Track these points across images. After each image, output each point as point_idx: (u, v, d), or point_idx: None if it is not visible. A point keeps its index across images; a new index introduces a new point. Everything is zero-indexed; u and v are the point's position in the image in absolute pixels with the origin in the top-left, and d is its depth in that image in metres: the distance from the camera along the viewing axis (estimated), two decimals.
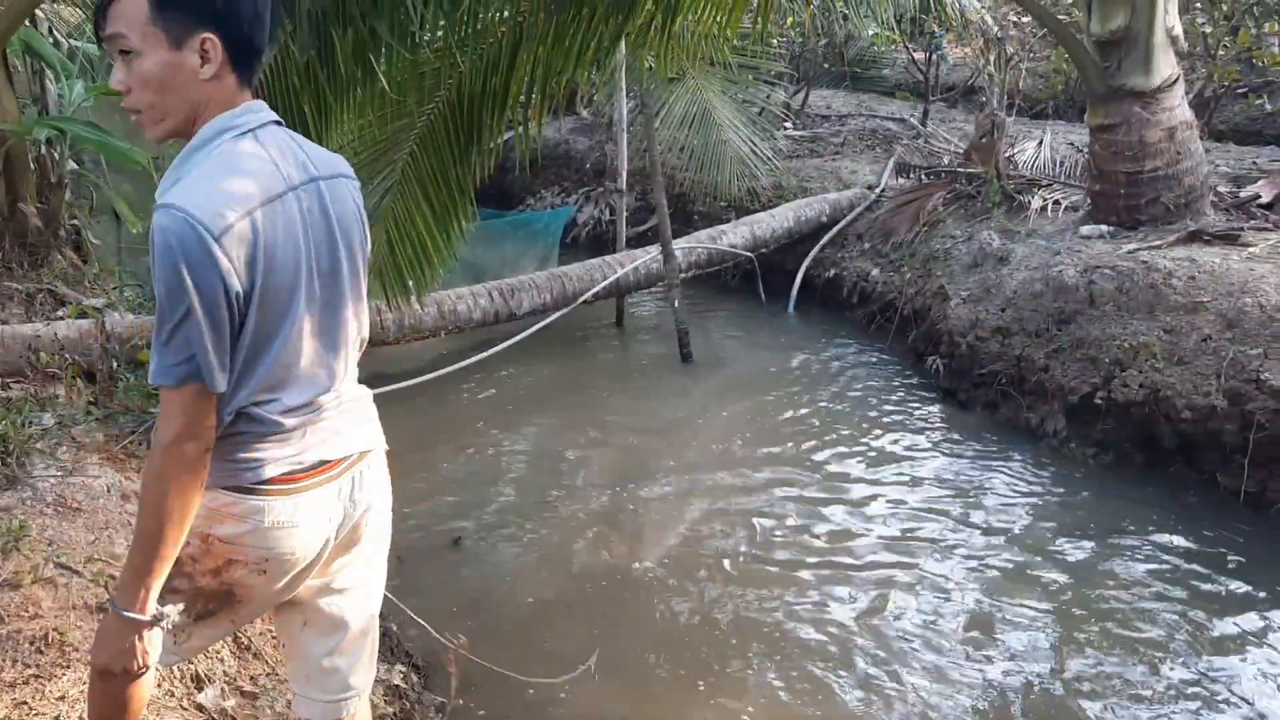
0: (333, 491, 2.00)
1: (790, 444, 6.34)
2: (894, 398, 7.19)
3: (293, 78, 3.50)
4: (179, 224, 1.73)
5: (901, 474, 5.95)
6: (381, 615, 4.13)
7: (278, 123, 1.95)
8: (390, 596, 4.20)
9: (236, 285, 1.78)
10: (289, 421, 1.93)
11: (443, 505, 5.42)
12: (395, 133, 4.22)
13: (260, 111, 1.92)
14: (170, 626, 1.95)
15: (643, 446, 6.36)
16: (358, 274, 2.02)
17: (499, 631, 4.35)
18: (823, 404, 7.07)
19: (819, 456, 6.17)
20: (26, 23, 5.04)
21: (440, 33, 3.65)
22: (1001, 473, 5.98)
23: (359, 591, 2.16)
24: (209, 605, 2.00)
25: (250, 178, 1.83)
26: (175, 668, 3.04)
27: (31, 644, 2.90)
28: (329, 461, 1.99)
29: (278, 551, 1.95)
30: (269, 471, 1.91)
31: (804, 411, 6.93)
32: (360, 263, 2.03)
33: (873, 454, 6.22)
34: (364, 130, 4.07)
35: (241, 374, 1.86)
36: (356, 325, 2.06)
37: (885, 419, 6.79)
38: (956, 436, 6.50)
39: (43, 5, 5.27)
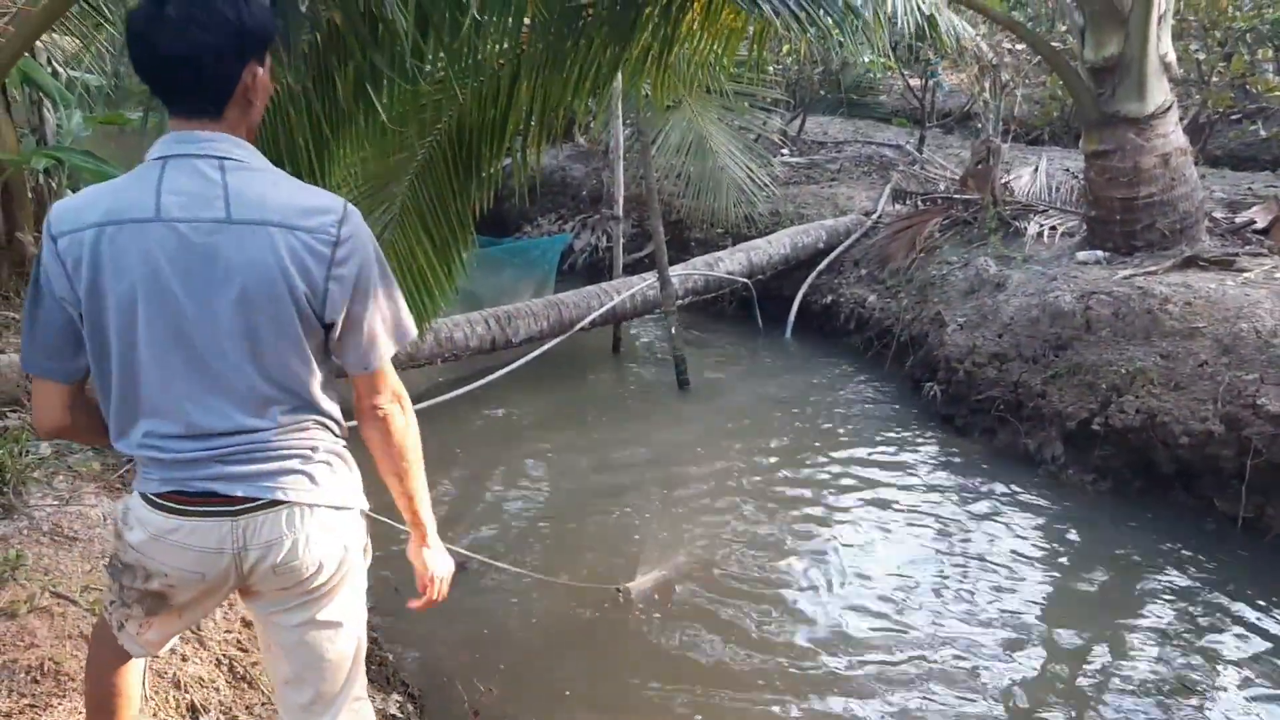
0: (225, 527, 2.01)
1: (788, 471, 6.34)
2: (891, 424, 7.19)
3: (288, 111, 3.51)
4: (46, 219, 1.96)
5: (899, 502, 5.94)
6: (377, 642, 4.15)
7: (215, 156, 1.93)
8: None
9: (61, 289, 1.94)
10: (154, 447, 2.00)
11: (442, 532, 5.40)
12: (395, 166, 4.23)
13: (187, 142, 1.94)
14: None
15: (640, 474, 6.35)
16: (253, 325, 1.94)
17: (498, 659, 4.35)
18: (820, 431, 7.07)
19: (817, 484, 6.17)
20: (25, 53, 5.07)
21: (441, 65, 3.68)
22: (999, 499, 5.98)
23: (296, 635, 2.17)
24: (154, 603, 2.13)
25: (114, 197, 1.93)
26: (171, 696, 3.04)
27: (27, 673, 2.90)
28: (222, 496, 2.00)
29: (172, 566, 2.06)
30: (158, 486, 2.02)
31: (801, 439, 6.93)
32: (263, 312, 1.93)
33: (870, 481, 6.21)
34: (364, 163, 4.08)
35: (101, 388, 2.02)
36: (287, 375, 2.00)
37: (883, 446, 6.79)
38: (954, 463, 6.50)
39: (41, 36, 5.30)
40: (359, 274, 1.99)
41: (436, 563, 2.43)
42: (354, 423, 2.18)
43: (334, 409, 2.12)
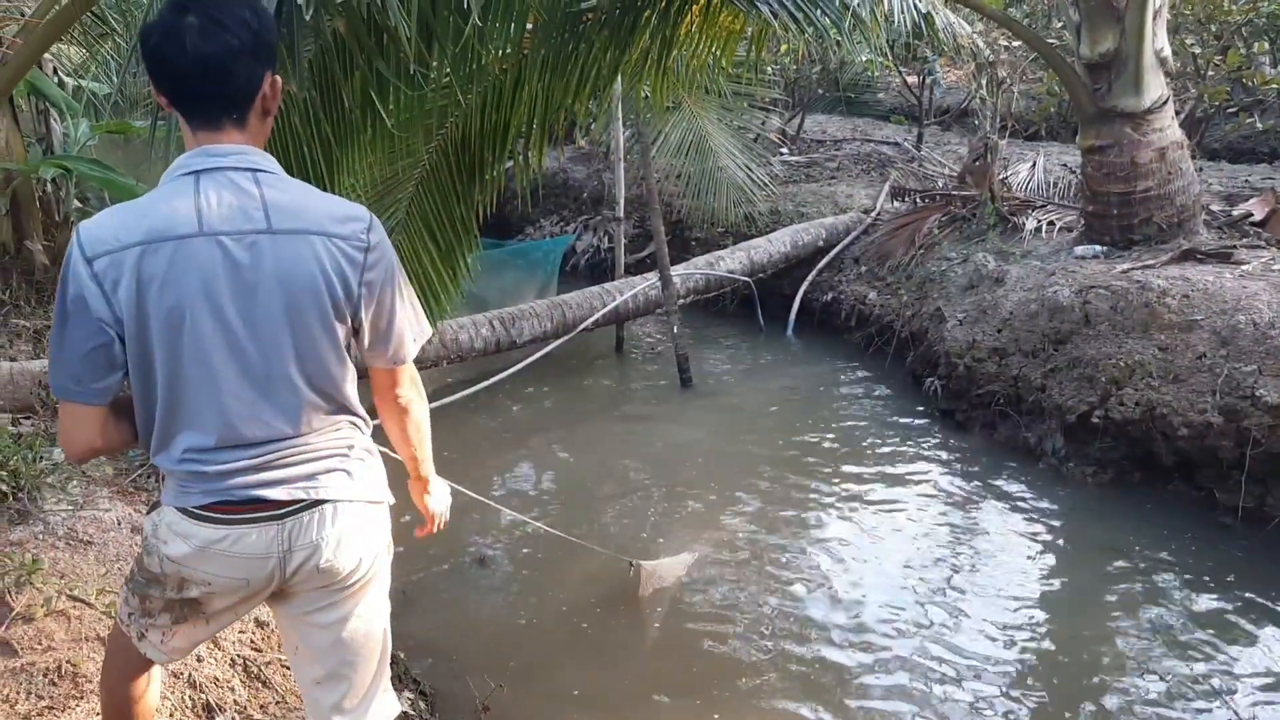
0: (272, 531, 2.05)
1: (790, 468, 6.38)
2: (893, 420, 7.23)
3: (294, 119, 3.55)
4: (73, 242, 1.93)
5: (901, 497, 5.98)
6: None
7: (247, 168, 1.98)
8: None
9: (101, 309, 1.91)
10: (195, 461, 2.02)
11: (449, 532, 5.44)
12: (399, 171, 4.27)
13: (218, 155, 1.97)
14: None
15: (644, 473, 6.39)
16: (298, 331, 2.01)
17: (509, 657, 4.40)
18: (822, 427, 7.11)
19: (819, 480, 6.21)
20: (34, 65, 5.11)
21: (445, 71, 3.72)
22: (1001, 493, 6.02)
23: (332, 633, 2.21)
24: (183, 610, 2.15)
25: (152, 215, 1.93)
26: (187, 696, 3.08)
27: (45, 676, 2.94)
28: (267, 501, 2.04)
29: (217, 575, 2.08)
30: (200, 499, 2.04)
31: (803, 435, 6.97)
32: (309, 318, 2.01)
33: (872, 478, 6.25)
34: (370, 169, 4.12)
35: (143, 405, 2.03)
36: (326, 378, 2.08)
37: (884, 442, 6.83)
38: (955, 458, 6.54)
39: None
40: (385, 278, 2.08)
41: (441, 500, 2.64)
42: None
43: (362, 408, 2.19)
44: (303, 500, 2.07)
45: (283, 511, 2.06)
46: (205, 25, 1.89)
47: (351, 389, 2.14)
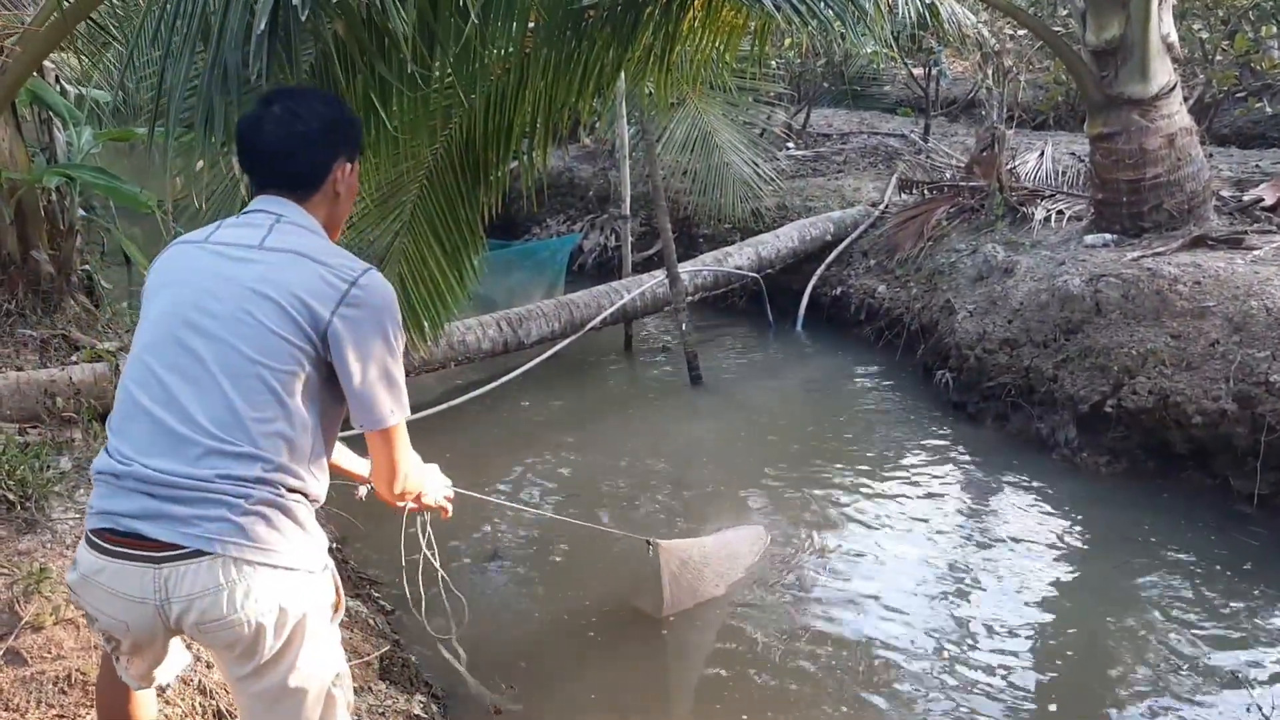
0: (148, 574, 1.94)
1: (802, 463, 6.36)
2: (904, 413, 7.20)
3: None
4: None
5: (915, 491, 5.96)
6: (399, 644, 4.19)
7: (275, 213, 2.15)
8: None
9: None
10: (114, 464, 2.00)
11: (460, 531, 5.43)
12: (404, 174, 4.26)
13: (262, 201, 2.19)
14: None
15: (656, 470, 6.37)
16: (247, 340, 2.00)
17: (520, 657, 4.38)
18: (833, 422, 7.09)
19: (831, 476, 6.18)
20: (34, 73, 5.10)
21: (447, 72, 3.71)
22: (1015, 485, 5.99)
23: (261, 701, 2.08)
24: (113, 645, 2.15)
25: (185, 235, 2.22)
26: (197, 703, 3.08)
27: (55, 685, 2.94)
28: (146, 539, 1.93)
29: (99, 610, 2.03)
30: (91, 522, 2.01)
31: (815, 430, 6.95)
32: (264, 327, 2.00)
33: (885, 472, 6.23)
34: (374, 171, 4.11)
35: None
36: (257, 404, 1.99)
37: (896, 435, 6.80)
38: (968, 450, 6.51)
39: (50, 55, 5.33)
40: (369, 325, 2.05)
41: (428, 487, 2.79)
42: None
43: (296, 465, 2.03)
44: (182, 547, 1.93)
45: (160, 555, 1.93)
46: (284, 114, 2.15)
47: (281, 436, 2.01)
